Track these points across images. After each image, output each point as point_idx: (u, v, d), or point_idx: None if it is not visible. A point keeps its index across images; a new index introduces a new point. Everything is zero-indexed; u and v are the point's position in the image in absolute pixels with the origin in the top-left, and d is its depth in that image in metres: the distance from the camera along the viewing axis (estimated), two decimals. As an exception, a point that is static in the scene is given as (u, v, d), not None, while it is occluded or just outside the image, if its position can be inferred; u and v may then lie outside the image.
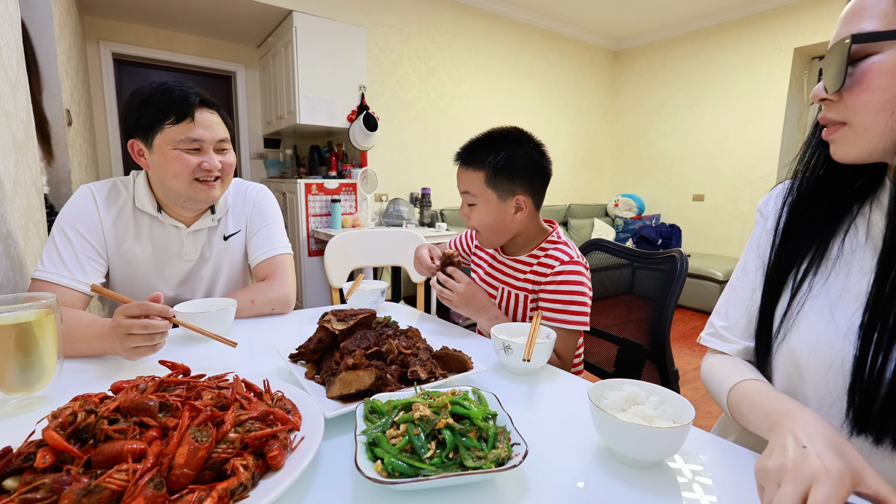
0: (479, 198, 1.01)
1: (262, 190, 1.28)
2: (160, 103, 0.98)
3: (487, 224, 1.04)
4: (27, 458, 0.41)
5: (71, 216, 1.02)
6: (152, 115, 0.99)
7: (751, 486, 0.50)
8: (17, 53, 1.12)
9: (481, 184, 1.00)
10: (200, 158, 1.02)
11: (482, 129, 1.06)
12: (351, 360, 0.65)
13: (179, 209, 1.10)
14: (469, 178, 1.01)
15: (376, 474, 0.45)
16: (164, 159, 1.00)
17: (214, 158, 1.04)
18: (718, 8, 4.29)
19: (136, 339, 0.75)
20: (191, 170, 1.01)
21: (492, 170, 0.99)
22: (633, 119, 5.32)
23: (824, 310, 0.58)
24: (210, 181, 1.05)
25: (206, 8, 3.21)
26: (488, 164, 0.99)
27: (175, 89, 1.00)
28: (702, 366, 0.75)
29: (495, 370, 0.82)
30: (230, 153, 1.09)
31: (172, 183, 1.03)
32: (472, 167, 1.01)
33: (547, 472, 0.52)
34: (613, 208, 5.14)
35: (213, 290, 1.21)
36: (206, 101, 1.04)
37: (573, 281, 0.99)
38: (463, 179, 1.03)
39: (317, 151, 3.86)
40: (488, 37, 4.28)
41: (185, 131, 0.99)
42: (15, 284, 0.96)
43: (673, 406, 0.56)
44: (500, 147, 0.99)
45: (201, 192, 1.05)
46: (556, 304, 0.99)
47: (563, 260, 1.01)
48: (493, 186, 1.00)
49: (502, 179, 1.00)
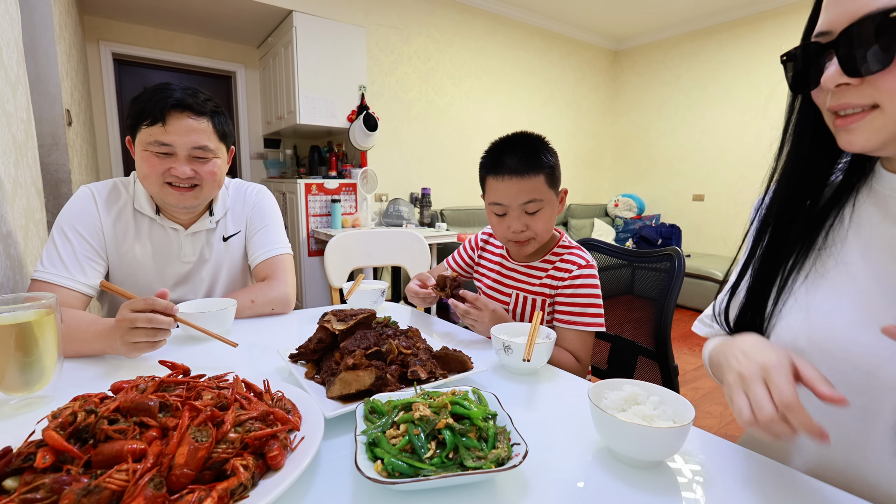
0: (545, 201, 1.00)
1: (262, 191, 1.27)
2: (142, 104, 0.98)
3: (550, 227, 1.04)
4: (27, 458, 0.41)
5: (71, 216, 1.02)
6: (134, 115, 0.99)
7: (751, 486, 0.50)
8: (17, 53, 1.12)
9: (544, 186, 0.99)
10: (170, 164, 1.00)
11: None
12: (351, 360, 0.65)
13: (176, 211, 1.10)
14: (531, 185, 0.98)
15: (376, 474, 0.45)
16: (138, 159, 1.01)
17: (185, 167, 1.00)
18: (718, 8, 4.29)
19: (138, 334, 0.75)
20: (157, 173, 1.00)
21: (549, 170, 0.99)
22: (633, 119, 5.32)
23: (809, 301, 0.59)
24: (182, 187, 1.03)
25: (206, 8, 3.21)
26: (545, 166, 0.98)
27: (161, 90, 0.99)
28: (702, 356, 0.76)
29: (495, 370, 0.82)
30: (212, 162, 1.04)
31: (144, 184, 1.03)
32: (530, 174, 0.98)
33: (547, 472, 0.52)
34: (613, 208, 5.14)
35: (213, 290, 1.20)
36: (189, 106, 0.99)
37: (589, 284, 1.01)
38: (522, 190, 0.98)
39: (317, 151, 3.86)
40: (488, 37, 4.28)
41: (154, 134, 0.98)
42: (15, 284, 0.96)
43: (673, 406, 0.56)
44: (539, 147, 1.00)
45: (171, 197, 1.03)
46: (575, 307, 1.00)
47: (581, 264, 1.03)
48: (553, 186, 1.01)
49: (556, 177, 1.01)
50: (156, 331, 0.76)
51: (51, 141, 1.83)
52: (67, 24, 2.30)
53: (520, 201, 0.99)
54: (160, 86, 1.00)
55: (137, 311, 0.75)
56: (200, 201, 1.08)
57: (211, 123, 1.03)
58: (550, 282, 1.05)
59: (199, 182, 1.04)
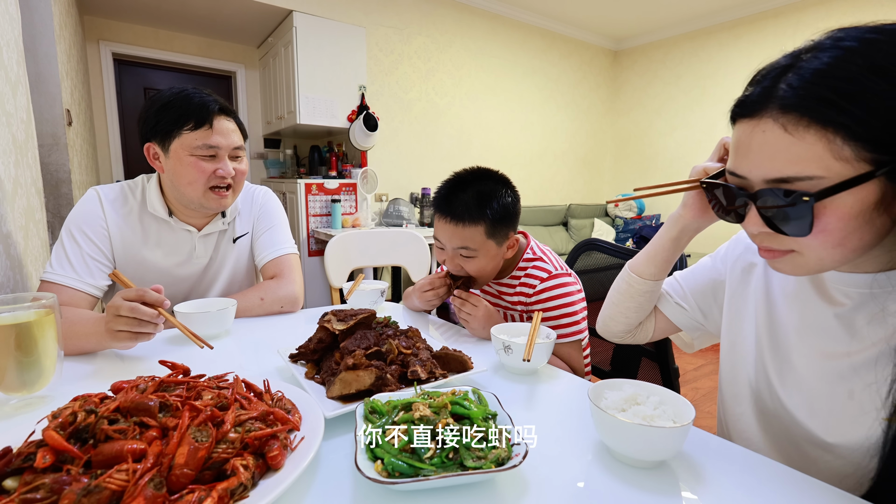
0: (480, 251, 0.97)
1: (268, 192, 1.30)
2: (180, 109, 1.00)
3: (487, 271, 1.01)
4: (27, 458, 0.41)
5: (78, 218, 1.03)
6: (171, 121, 1.00)
7: (750, 485, 0.50)
8: (17, 53, 1.12)
9: (482, 237, 0.95)
10: (215, 165, 1.03)
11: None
12: (351, 360, 0.65)
13: (191, 213, 1.11)
14: (465, 234, 0.94)
15: (376, 474, 0.45)
16: (180, 165, 1.02)
17: (229, 165, 1.05)
18: (718, 8, 4.29)
19: (120, 322, 0.75)
20: (206, 177, 1.03)
21: (490, 222, 0.94)
22: (633, 119, 5.32)
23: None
24: (223, 190, 1.07)
25: (206, 8, 3.21)
26: (487, 217, 0.94)
27: (195, 96, 1.02)
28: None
29: (495, 370, 0.82)
30: (244, 161, 1.11)
31: (187, 189, 1.04)
32: (466, 223, 0.94)
33: (547, 472, 0.52)
34: (613, 208, 5.14)
35: (223, 291, 1.22)
36: (225, 109, 1.06)
37: (558, 295, 0.99)
38: (456, 236, 0.95)
39: (317, 151, 3.86)
40: (488, 37, 4.27)
41: (202, 138, 1.01)
42: (15, 284, 0.96)
43: (673, 406, 0.56)
44: (489, 195, 0.95)
45: (213, 202, 1.06)
46: (550, 319, 0.99)
47: (543, 277, 1.00)
48: (493, 236, 0.96)
49: (501, 227, 0.96)
50: (138, 321, 0.75)
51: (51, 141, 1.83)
52: (67, 24, 2.30)
53: (453, 245, 0.97)
54: (185, 92, 1.02)
55: (128, 299, 0.75)
56: (233, 201, 1.12)
57: (236, 124, 1.09)
58: (523, 289, 1.05)
59: (232, 182, 1.08)
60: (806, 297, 0.59)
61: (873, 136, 0.43)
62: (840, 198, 0.45)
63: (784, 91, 0.46)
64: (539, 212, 4.66)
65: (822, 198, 0.45)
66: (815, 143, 0.44)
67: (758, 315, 0.66)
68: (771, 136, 0.47)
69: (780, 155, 0.47)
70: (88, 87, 3.28)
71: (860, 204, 0.45)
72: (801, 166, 0.46)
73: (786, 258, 0.52)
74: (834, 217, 0.46)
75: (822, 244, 0.48)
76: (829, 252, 0.48)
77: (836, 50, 0.45)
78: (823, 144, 0.44)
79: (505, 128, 4.53)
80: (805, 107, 0.45)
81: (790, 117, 0.46)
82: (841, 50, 0.44)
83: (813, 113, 0.44)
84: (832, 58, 0.44)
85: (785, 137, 0.46)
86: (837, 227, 0.46)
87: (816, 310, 0.57)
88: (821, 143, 0.44)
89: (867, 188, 0.44)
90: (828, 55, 0.45)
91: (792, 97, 0.45)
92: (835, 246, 0.47)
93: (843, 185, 0.44)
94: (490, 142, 4.39)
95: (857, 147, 0.43)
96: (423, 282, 1.11)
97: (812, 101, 0.44)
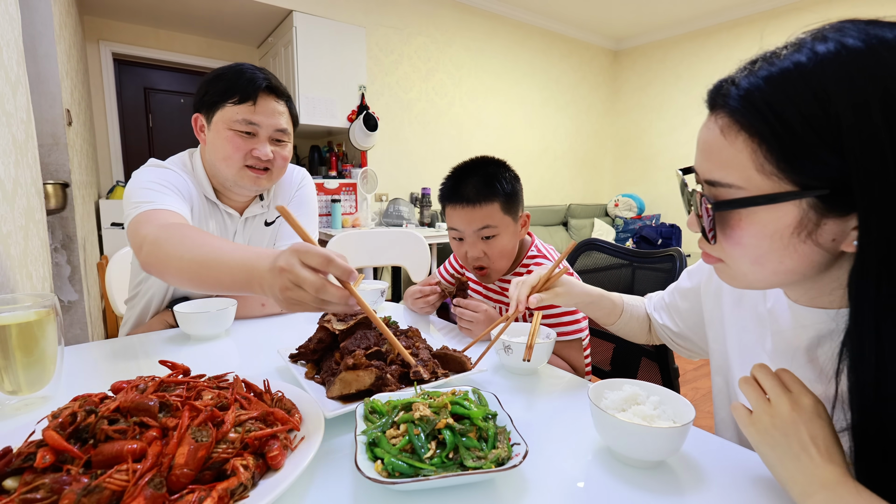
0: (500, 227, 1.01)
1: (306, 176, 1.25)
2: (228, 81, 0.98)
3: (508, 251, 1.04)
4: (27, 458, 0.41)
5: (154, 176, 0.97)
6: (218, 92, 0.99)
7: (750, 485, 0.50)
8: (17, 53, 1.12)
9: (500, 214, 1.00)
10: (252, 145, 1.00)
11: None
12: (351, 360, 0.65)
13: (231, 194, 1.09)
14: (483, 213, 0.99)
15: (376, 474, 0.45)
16: (218, 138, 0.99)
17: (267, 147, 1.01)
18: (718, 8, 4.29)
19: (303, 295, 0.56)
20: (242, 154, 1.00)
21: (504, 197, 0.99)
22: (633, 119, 5.32)
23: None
24: (259, 170, 1.03)
25: (206, 8, 3.21)
26: (500, 194, 0.99)
27: (248, 71, 1.00)
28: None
29: (495, 370, 0.82)
30: (287, 147, 1.06)
31: (222, 165, 1.01)
32: (482, 203, 0.99)
33: (547, 472, 0.52)
34: (613, 208, 5.14)
35: None
36: (275, 89, 1.01)
37: None
38: (475, 218, 1.00)
39: (317, 151, 3.86)
40: (488, 37, 4.28)
41: (243, 113, 0.98)
42: (15, 284, 0.96)
43: (673, 406, 0.56)
44: (495, 175, 1.00)
45: (248, 180, 1.03)
46: (551, 318, 0.99)
47: None
48: (508, 212, 1.01)
49: (512, 203, 1.01)
50: (322, 301, 0.57)
51: (51, 141, 1.83)
52: (67, 24, 2.30)
53: (473, 228, 1.00)
54: (240, 66, 1.00)
55: (310, 267, 0.56)
56: (270, 185, 1.08)
57: (287, 108, 1.05)
58: None
59: (270, 166, 1.04)
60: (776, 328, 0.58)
61: (796, 158, 0.41)
62: (756, 213, 0.44)
63: (732, 91, 0.45)
64: (539, 212, 4.67)
65: (722, 208, 0.45)
66: (742, 151, 0.44)
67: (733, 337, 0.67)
68: (710, 134, 0.47)
69: (713, 156, 0.46)
70: (88, 87, 3.28)
71: (774, 224, 0.44)
72: (725, 172, 0.45)
73: (719, 266, 0.52)
74: (748, 232, 0.45)
75: (741, 258, 0.47)
76: (750, 268, 0.47)
77: (789, 62, 0.42)
78: (748, 154, 0.43)
79: (505, 128, 4.53)
80: (740, 112, 0.43)
81: (728, 120, 0.45)
82: (793, 64, 0.42)
83: (745, 119, 0.43)
84: (781, 70, 0.42)
85: (719, 139, 0.45)
86: (751, 242, 0.45)
87: (786, 340, 0.56)
88: (746, 152, 0.43)
89: (784, 209, 0.43)
90: (781, 65, 0.42)
91: (734, 99, 0.44)
92: (752, 263, 0.47)
93: (754, 199, 0.43)
94: (490, 142, 4.39)
95: (780, 165, 0.42)
96: (414, 289, 1.12)
97: (748, 107, 0.43)
